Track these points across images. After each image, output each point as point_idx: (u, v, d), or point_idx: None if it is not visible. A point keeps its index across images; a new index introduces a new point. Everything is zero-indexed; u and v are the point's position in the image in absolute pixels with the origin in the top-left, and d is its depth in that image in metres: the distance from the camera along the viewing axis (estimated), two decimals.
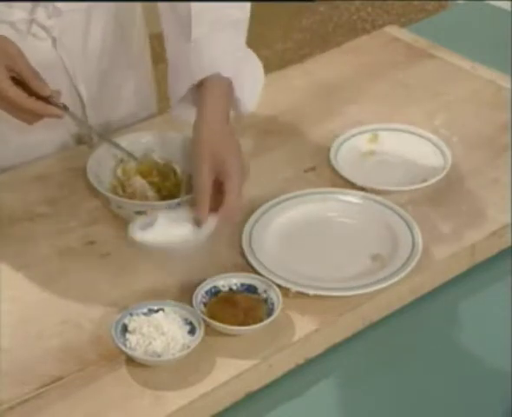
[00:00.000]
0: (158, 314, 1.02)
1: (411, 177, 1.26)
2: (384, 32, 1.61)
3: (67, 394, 0.96)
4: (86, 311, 1.06)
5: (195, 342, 0.99)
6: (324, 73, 1.49)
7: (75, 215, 1.20)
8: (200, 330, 1.00)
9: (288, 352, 1.02)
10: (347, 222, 1.18)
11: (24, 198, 1.23)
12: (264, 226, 1.16)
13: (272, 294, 1.05)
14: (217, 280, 1.07)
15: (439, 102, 1.41)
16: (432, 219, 1.19)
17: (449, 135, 1.34)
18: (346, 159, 1.29)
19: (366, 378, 1.04)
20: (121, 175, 1.19)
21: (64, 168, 1.28)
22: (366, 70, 1.50)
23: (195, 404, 0.97)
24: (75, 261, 1.13)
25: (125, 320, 1.01)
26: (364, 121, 1.35)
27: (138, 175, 1.19)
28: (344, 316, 1.06)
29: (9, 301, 1.07)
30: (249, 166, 1.20)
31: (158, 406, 0.96)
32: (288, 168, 1.29)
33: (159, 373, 0.99)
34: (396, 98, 1.43)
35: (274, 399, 1.01)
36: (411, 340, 1.09)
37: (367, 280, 1.08)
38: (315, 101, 1.43)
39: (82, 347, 1.01)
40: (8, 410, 0.95)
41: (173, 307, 1.03)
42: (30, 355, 1.00)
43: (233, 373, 0.99)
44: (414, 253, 1.11)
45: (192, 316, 1.02)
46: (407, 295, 1.11)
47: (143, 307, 1.03)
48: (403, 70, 1.49)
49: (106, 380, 0.98)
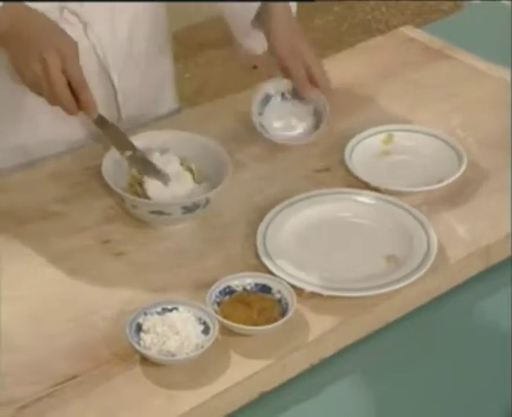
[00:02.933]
0: (172, 314, 1.02)
1: (426, 178, 1.25)
2: (399, 32, 1.60)
3: (81, 393, 0.96)
4: (100, 310, 1.06)
5: (209, 342, 0.99)
6: (339, 73, 1.48)
7: (89, 213, 1.20)
8: (213, 330, 1.00)
9: (302, 352, 1.02)
10: (361, 223, 1.18)
11: (39, 197, 1.23)
12: (278, 226, 1.16)
13: (285, 295, 1.05)
14: (231, 280, 1.07)
15: (454, 103, 1.41)
16: (447, 220, 1.19)
17: (465, 135, 1.33)
18: (361, 159, 1.28)
19: (380, 378, 1.04)
20: (136, 173, 1.19)
21: (79, 166, 1.28)
22: (381, 71, 1.49)
23: (209, 404, 0.97)
24: (90, 259, 1.13)
25: (139, 319, 1.01)
26: (379, 121, 1.35)
27: None
28: (358, 317, 1.06)
29: (23, 300, 1.07)
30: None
31: (171, 405, 0.96)
32: (302, 168, 1.28)
33: (172, 372, 0.99)
34: (411, 99, 1.42)
35: (288, 399, 1.01)
36: (426, 341, 1.09)
37: (382, 280, 1.08)
38: (330, 101, 1.42)
39: (96, 346, 1.01)
40: (22, 408, 0.95)
41: (187, 306, 1.03)
42: (44, 354, 1.00)
43: (247, 373, 0.99)
44: (429, 254, 1.11)
45: (206, 316, 1.02)
46: (422, 296, 1.11)
47: (157, 307, 1.03)
48: (418, 71, 1.48)
49: (120, 379, 0.98)
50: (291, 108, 1.31)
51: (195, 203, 1.15)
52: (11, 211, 1.20)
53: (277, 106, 1.31)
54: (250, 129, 1.34)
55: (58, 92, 1.12)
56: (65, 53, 1.12)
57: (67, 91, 1.13)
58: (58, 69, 1.11)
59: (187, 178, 1.19)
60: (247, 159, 1.30)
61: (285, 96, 1.32)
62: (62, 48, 1.12)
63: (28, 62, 1.12)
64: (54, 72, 1.11)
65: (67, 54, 1.12)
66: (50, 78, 1.12)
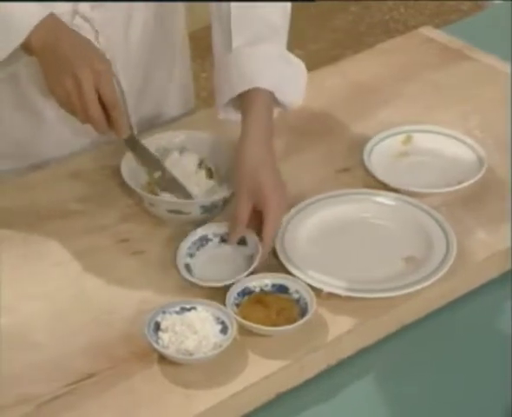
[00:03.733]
0: (190, 313, 1.02)
1: (445, 179, 1.24)
2: (418, 33, 1.60)
3: (98, 391, 0.97)
4: (118, 308, 1.06)
5: (227, 342, 0.99)
6: (359, 74, 1.48)
7: (107, 212, 1.20)
8: (232, 329, 1.00)
9: (320, 353, 1.02)
10: (380, 224, 1.18)
11: (58, 195, 1.23)
12: (296, 226, 1.16)
13: (304, 295, 1.05)
14: (249, 280, 1.07)
15: (474, 104, 1.40)
16: (466, 222, 1.18)
17: (484, 137, 1.33)
18: (380, 160, 1.28)
19: (398, 380, 1.04)
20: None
21: (98, 165, 1.28)
22: (400, 71, 1.49)
23: (226, 403, 0.97)
24: (108, 258, 1.14)
25: (158, 318, 1.01)
26: (398, 122, 1.34)
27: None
28: (376, 318, 1.05)
29: (42, 298, 1.08)
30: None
31: (188, 404, 0.96)
32: (321, 168, 1.28)
33: (190, 371, 0.99)
34: (430, 99, 1.42)
35: (305, 400, 1.01)
36: (444, 343, 1.08)
37: (400, 282, 1.08)
38: (349, 101, 1.42)
39: (114, 345, 1.02)
40: (41, 405, 0.95)
41: (205, 306, 1.03)
42: (63, 352, 1.01)
43: (265, 373, 0.99)
44: (448, 256, 1.10)
45: (224, 315, 1.02)
46: (440, 298, 1.10)
47: (176, 306, 1.03)
48: (437, 72, 1.48)
49: (137, 378, 0.98)
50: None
51: (213, 203, 1.15)
52: (31, 209, 1.21)
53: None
54: None
55: (90, 110, 1.11)
56: (98, 70, 1.11)
57: (99, 109, 1.11)
58: (91, 86, 1.10)
59: (206, 178, 1.19)
60: None
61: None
62: (95, 65, 1.11)
63: (60, 79, 1.11)
64: (86, 89, 1.10)
65: (100, 71, 1.11)
66: (83, 96, 1.10)
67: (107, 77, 1.12)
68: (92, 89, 1.10)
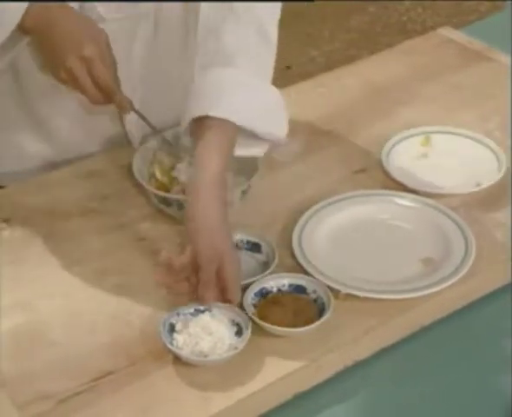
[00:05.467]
0: (204, 315, 1.02)
1: (464, 181, 1.24)
2: (436, 33, 1.59)
3: (116, 389, 0.97)
4: (136, 307, 1.06)
5: (242, 343, 0.99)
6: (377, 74, 1.48)
7: (125, 211, 1.21)
8: (247, 331, 1.00)
9: (337, 354, 1.02)
10: (398, 225, 1.17)
11: (76, 194, 1.24)
12: (314, 227, 1.16)
13: (322, 295, 1.05)
14: (266, 281, 1.07)
15: (493, 105, 1.39)
16: (485, 223, 1.17)
17: (503, 138, 1.32)
18: (398, 161, 1.27)
19: (416, 381, 1.03)
20: (160, 175, 1.20)
21: (115, 164, 1.29)
22: (419, 72, 1.48)
23: (242, 404, 0.96)
24: (126, 257, 1.14)
25: (172, 319, 1.01)
26: (417, 123, 1.34)
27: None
28: (394, 319, 1.05)
29: (61, 296, 1.08)
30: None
31: (205, 404, 0.96)
32: (338, 169, 1.28)
33: (206, 371, 0.99)
34: (449, 101, 1.41)
35: (322, 401, 1.00)
36: (462, 345, 1.07)
37: (418, 283, 1.07)
38: (366, 102, 1.42)
39: (132, 344, 1.02)
40: (60, 402, 0.96)
41: (219, 308, 1.02)
42: (82, 350, 1.01)
43: (281, 373, 0.98)
44: (467, 257, 1.10)
45: (239, 317, 1.02)
46: (459, 300, 1.10)
47: (190, 308, 1.03)
48: (456, 73, 1.47)
49: (154, 377, 0.98)
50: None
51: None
52: (50, 208, 1.21)
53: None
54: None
55: (89, 95, 1.12)
56: (87, 56, 1.10)
57: (97, 93, 1.12)
58: (83, 73, 1.10)
59: None
60: (284, 158, 1.29)
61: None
62: (83, 51, 1.10)
63: (55, 69, 1.12)
64: (79, 77, 1.10)
65: (89, 57, 1.10)
66: (78, 83, 1.11)
67: (95, 62, 1.10)
68: (85, 76, 1.10)
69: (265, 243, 1.11)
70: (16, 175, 1.30)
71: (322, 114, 1.39)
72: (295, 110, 1.38)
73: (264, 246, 1.11)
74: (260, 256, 1.11)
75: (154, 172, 1.20)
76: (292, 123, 1.27)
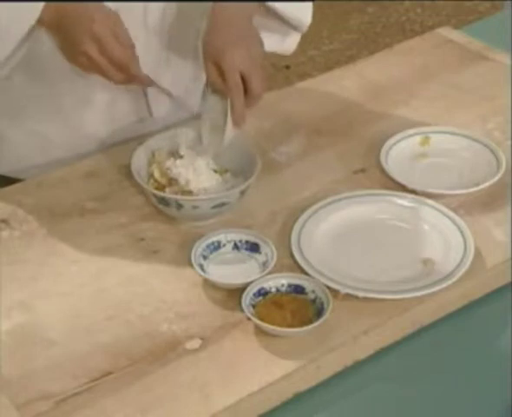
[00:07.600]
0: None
1: (463, 181, 1.24)
2: (436, 34, 1.59)
3: (117, 389, 0.97)
4: (135, 307, 1.06)
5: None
6: (376, 74, 1.48)
7: (124, 211, 1.21)
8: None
9: (337, 354, 1.02)
10: (397, 225, 1.17)
11: (76, 194, 1.24)
12: (313, 226, 1.16)
13: (320, 295, 1.05)
14: (264, 281, 1.07)
15: (493, 105, 1.39)
16: (484, 224, 1.17)
17: (503, 138, 1.32)
18: (397, 161, 1.27)
19: (415, 381, 1.03)
20: (159, 176, 1.20)
21: (114, 164, 1.29)
22: (418, 72, 1.48)
23: (243, 403, 0.97)
24: (125, 257, 1.14)
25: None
26: (416, 123, 1.34)
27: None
28: (393, 319, 1.05)
29: (61, 296, 1.08)
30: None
31: (205, 404, 0.96)
32: (338, 169, 1.28)
33: (207, 371, 0.99)
34: (448, 101, 1.41)
35: (322, 401, 1.01)
36: (461, 344, 1.08)
37: (417, 283, 1.07)
38: (366, 102, 1.42)
39: (131, 343, 1.02)
40: (60, 402, 0.96)
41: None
42: (81, 349, 1.01)
43: (281, 373, 0.99)
44: (465, 258, 1.10)
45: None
46: (458, 300, 1.10)
47: None
48: (455, 73, 1.47)
49: (154, 377, 0.98)
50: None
51: (223, 200, 1.15)
52: (48, 208, 1.21)
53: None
54: (285, 128, 1.34)
55: (109, 76, 1.15)
56: (100, 34, 1.11)
57: (117, 73, 1.14)
58: (100, 57, 1.12)
59: (216, 174, 1.19)
60: (283, 158, 1.30)
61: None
62: (95, 30, 1.11)
63: (73, 57, 1.14)
64: (98, 61, 1.12)
65: (102, 35, 1.12)
66: (99, 67, 1.13)
67: (108, 39, 1.12)
68: (99, 55, 1.12)
69: (264, 243, 1.12)
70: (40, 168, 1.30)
71: (321, 114, 1.39)
72: (294, 110, 1.39)
73: (263, 246, 1.12)
74: (259, 256, 1.12)
75: (153, 172, 1.20)
76: (292, 123, 1.28)
